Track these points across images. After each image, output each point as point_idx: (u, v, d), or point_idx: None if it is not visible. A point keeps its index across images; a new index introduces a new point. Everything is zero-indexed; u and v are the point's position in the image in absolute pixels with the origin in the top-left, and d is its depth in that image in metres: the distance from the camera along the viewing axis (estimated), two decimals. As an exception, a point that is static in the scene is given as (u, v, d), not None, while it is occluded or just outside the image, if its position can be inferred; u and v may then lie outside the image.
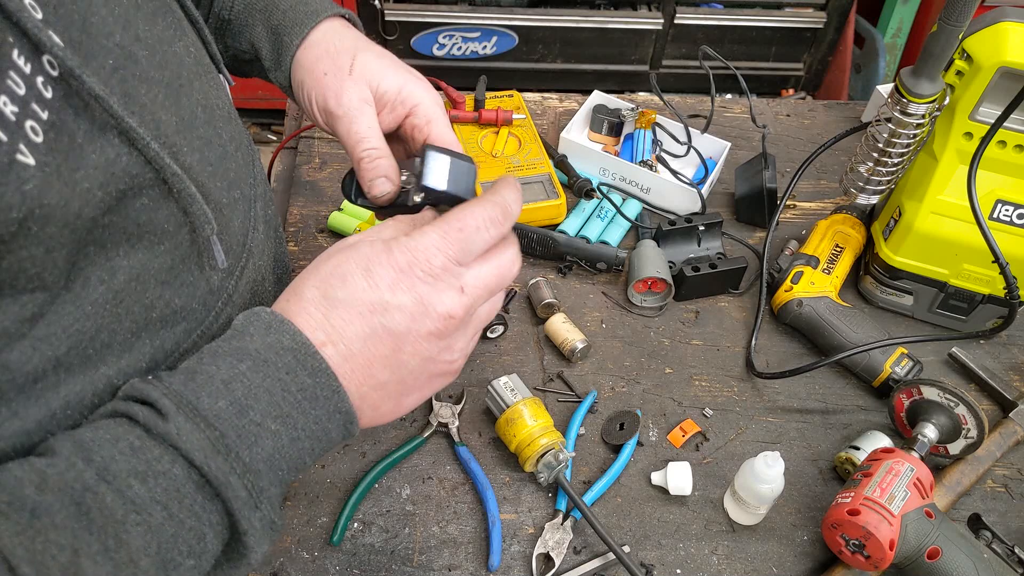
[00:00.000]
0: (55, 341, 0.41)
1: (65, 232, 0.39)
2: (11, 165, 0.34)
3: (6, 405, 0.40)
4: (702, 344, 0.95)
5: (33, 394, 0.41)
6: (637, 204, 1.07)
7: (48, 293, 0.40)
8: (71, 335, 0.42)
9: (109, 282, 0.43)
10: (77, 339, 0.42)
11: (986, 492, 0.84)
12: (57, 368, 0.42)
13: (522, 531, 0.78)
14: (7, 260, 0.37)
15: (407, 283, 0.47)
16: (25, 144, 0.35)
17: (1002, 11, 0.80)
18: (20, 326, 0.39)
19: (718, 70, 1.14)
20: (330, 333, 0.46)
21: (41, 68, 0.36)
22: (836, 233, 1.00)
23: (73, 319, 0.42)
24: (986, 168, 0.86)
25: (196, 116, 0.50)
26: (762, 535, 0.79)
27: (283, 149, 1.13)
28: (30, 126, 0.35)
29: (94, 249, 0.42)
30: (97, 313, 0.43)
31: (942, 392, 0.79)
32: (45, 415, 0.42)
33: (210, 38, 0.57)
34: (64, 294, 0.41)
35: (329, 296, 0.47)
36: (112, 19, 0.42)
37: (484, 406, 0.86)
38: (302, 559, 0.75)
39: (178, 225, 0.46)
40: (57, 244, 0.39)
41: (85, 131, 0.39)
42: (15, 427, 0.41)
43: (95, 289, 0.42)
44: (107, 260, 0.43)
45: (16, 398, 0.41)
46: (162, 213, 0.45)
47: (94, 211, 0.40)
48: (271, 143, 2.57)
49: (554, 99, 1.25)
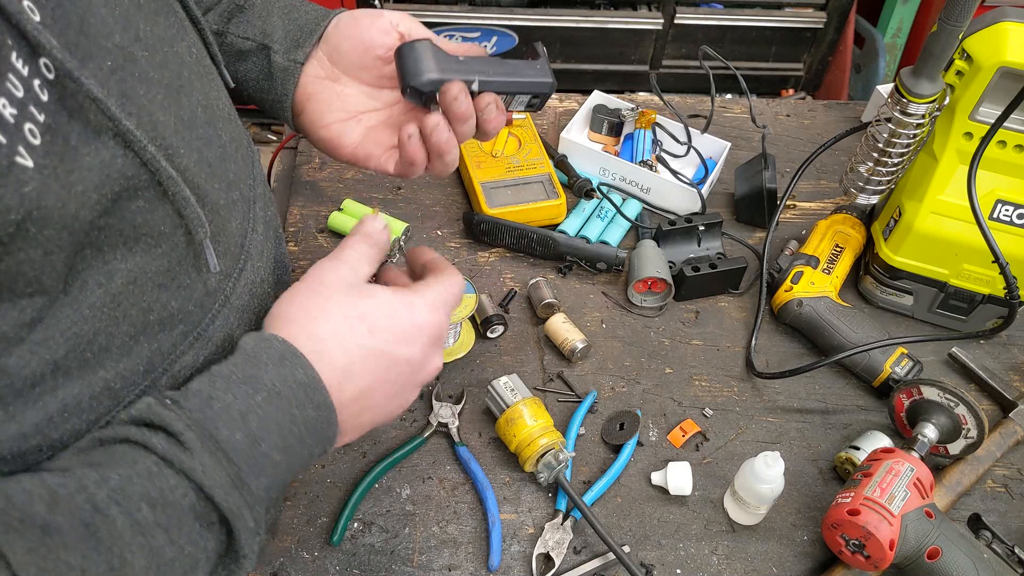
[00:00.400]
0: (53, 345, 0.41)
1: (64, 235, 0.39)
2: (10, 168, 0.34)
3: (3, 409, 0.40)
4: (702, 344, 0.95)
5: (31, 398, 0.41)
6: (637, 204, 1.07)
7: (47, 297, 0.40)
8: (69, 339, 0.42)
9: (107, 285, 0.43)
10: (75, 343, 0.42)
11: (986, 492, 0.84)
12: (55, 372, 0.42)
13: (522, 531, 0.78)
14: (5, 262, 0.37)
15: (425, 342, 0.55)
16: (24, 147, 0.35)
17: (1002, 11, 0.80)
18: (19, 331, 0.39)
19: (718, 70, 1.14)
20: (349, 374, 0.51)
21: (38, 71, 0.36)
22: (836, 233, 1.00)
23: (71, 323, 0.41)
24: (986, 168, 0.86)
25: (196, 116, 0.50)
26: (762, 535, 0.79)
27: (283, 149, 1.13)
28: (28, 128, 0.35)
29: (91, 252, 0.41)
30: (95, 317, 0.43)
31: (942, 392, 0.80)
32: (42, 419, 0.42)
33: (211, 39, 0.57)
34: (62, 298, 0.41)
35: (360, 343, 0.51)
36: (112, 19, 0.42)
37: (484, 406, 0.86)
38: (302, 559, 0.75)
39: (174, 227, 0.46)
40: (55, 247, 0.39)
41: (79, 133, 0.39)
42: (12, 431, 0.41)
43: (93, 292, 0.42)
44: (104, 263, 0.43)
45: (14, 402, 0.41)
46: (158, 215, 0.45)
47: (91, 214, 0.40)
48: (271, 143, 2.57)
49: (554, 99, 1.25)
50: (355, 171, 1.11)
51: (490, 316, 0.91)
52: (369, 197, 1.07)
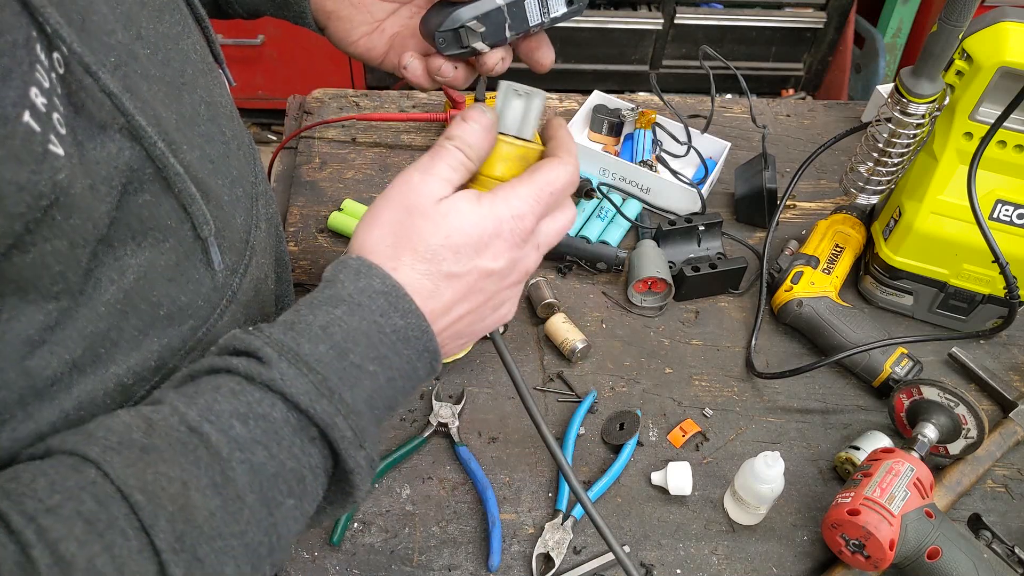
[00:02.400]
0: (71, 344, 0.41)
1: (88, 226, 0.39)
2: (45, 155, 0.35)
3: (23, 409, 0.41)
4: (702, 344, 0.95)
5: (48, 396, 0.42)
6: (637, 204, 1.07)
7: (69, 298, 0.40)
8: (86, 337, 0.42)
9: (119, 281, 0.43)
10: (91, 341, 0.42)
11: (986, 492, 0.84)
12: (72, 371, 0.42)
13: (522, 531, 0.78)
14: (32, 253, 0.37)
15: (507, 250, 0.50)
16: (55, 135, 0.36)
17: (1002, 11, 0.80)
18: (43, 333, 0.40)
19: (718, 70, 1.14)
20: (434, 293, 0.48)
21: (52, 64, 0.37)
22: (836, 233, 1.00)
23: (87, 321, 0.42)
24: (986, 168, 0.86)
25: (199, 113, 0.50)
26: (762, 535, 0.79)
27: (283, 149, 1.13)
28: (56, 118, 0.36)
29: (103, 248, 0.42)
30: (109, 313, 0.43)
31: (942, 392, 0.80)
32: (59, 417, 0.43)
33: (214, 37, 0.57)
34: (79, 297, 0.41)
35: (439, 268, 0.48)
36: (113, 17, 0.42)
37: (485, 406, 0.86)
38: (302, 559, 0.75)
39: (180, 221, 0.47)
40: (81, 239, 0.39)
41: (84, 129, 0.39)
42: (29, 429, 0.41)
43: (106, 289, 0.43)
44: (116, 259, 0.43)
45: (33, 402, 0.41)
46: (164, 209, 0.45)
47: (106, 206, 0.40)
48: (271, 143, 2.57)
49: (554, 99, 1.25)
50: (355, 171, 1.11)
51: (490, 316, 0.91)
52: (369, 197, 1.07)
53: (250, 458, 0.41)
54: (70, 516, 0.35)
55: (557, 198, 0.51)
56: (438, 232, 0.48)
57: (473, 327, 0.52)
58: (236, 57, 2.29)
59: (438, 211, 0.48)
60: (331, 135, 1.15)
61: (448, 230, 0.48)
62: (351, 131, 1.16)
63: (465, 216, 0.49)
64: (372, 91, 1.23)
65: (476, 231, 0.49)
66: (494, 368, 0.90)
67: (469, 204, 0.49)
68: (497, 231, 0.49)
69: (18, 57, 0.33)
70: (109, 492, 0.36)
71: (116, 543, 0.36)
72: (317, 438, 0.43)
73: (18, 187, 0.34)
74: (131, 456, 0.38)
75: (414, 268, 0.48)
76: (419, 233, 0.48)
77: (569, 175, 0.52)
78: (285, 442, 0.42)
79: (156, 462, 0.38)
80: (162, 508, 0.37)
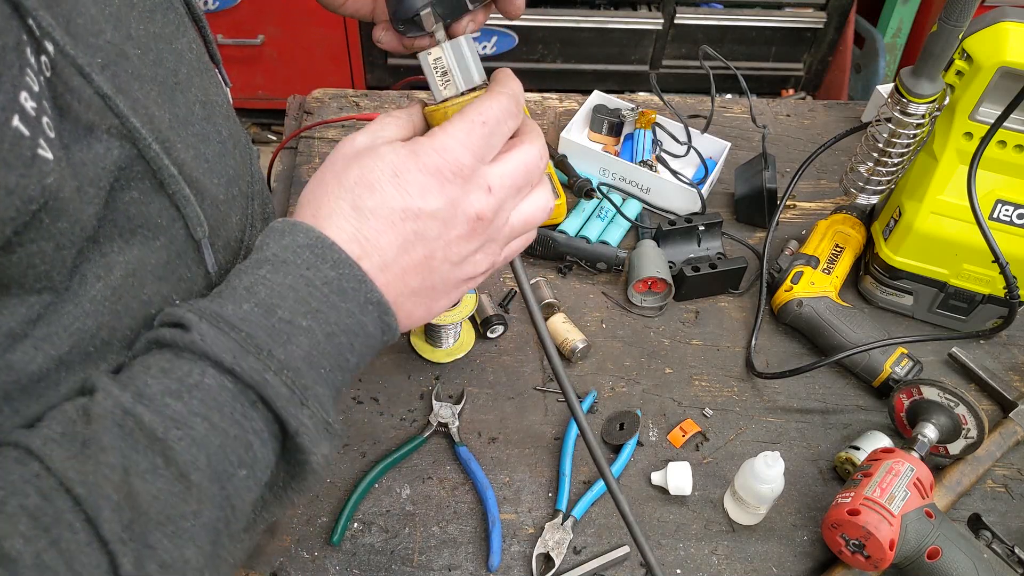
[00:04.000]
0: (57, 340, 0.41)
1: (75, 229, 0.39)
2: (34, 159, 0.35)
3: (9, 405, 0.41)
4: (702, 344, 0.95)
5: (35, 393, 0.42)
6: (637, 204, 1.07)
7: (53, 293, 0.40)
8: (72, 334, 0.42)
9: (106, 278, 0.43)
10: (78, 338, 0.42)
11: (986, 492, 0.84)
12: (59, 367, 0.42)
13: (522, 531, 0.78)
14: (18, 254, 0.37)
15: (437, 186, 0.46)
16: (44, 139, 0.36)
17: (1002, 11, 0.80)
18: (24, 327, 0.39)
19: (718, 70, 1.14)
20: (364, 245, 0.45)
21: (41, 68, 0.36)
22: (836, 233, 1.00)
23: (73, 318, 0.42)
24: (986, 168, 0.86)
25: (193, 112, 0.50)
26: (762, 535, 0.79)
27: (283, 149, 1.13)
28: (46, 122, 0.36)
29: (88, 245, 0.42)
30: (97, 311, 0.43)
31: (942, 392, 0.80)
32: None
33: (211, 36, 0.57)
34: (63, 293, 0.41)
35: (359, 207, 0.46)
36: (102, 18, 0.42)
37: (485, 406, 0.86)
38: (302, 559, 0.75)
39: (171, 220, 0.46)
40: (67, 241, 0.39)
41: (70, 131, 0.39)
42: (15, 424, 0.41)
43: (92, 286, 0.42)
44: (102, 256, 0.43)
45: (19, 398, 0.41)
46: (154, 207, 0.45)
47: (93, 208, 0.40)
48: (271, 143, 2.57)
49: (554, 99, 1.25)
50: (355, 171, 1.11)
51: (490, 316, 0.91)
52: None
53: (189, 433, 0.39)
54: (14, 512, 0.35)
55: (491, 129, 0.48)
56: (352, 173, 0.46)
57: (430, 281, 0.48)
58: (236, 57, 2.29)
59: (357, 157, 0.47)
60: (331, 135, 1.15)
61: (363, 168, 0.46)
62: (351, 131, 1.16)
63: (384, 155, 0.46)
64: (372, 91, 1.24)
65: (391, 166, 0.46)
66: (494, 368, 0.90)
67: (390, 146, 0.47)
68: (419, 165, 0.46)
69: (8, 61, 0.33)
70: (53, 485, 0.36)
71: (63, 537, 0.35)
72: (257, 401, 0.42)
73: (7, 192, 0.34)
74: (73, 448, 0.37)
75: (336, 214, 0.45)
76: (338, 179, 0.46)
77: (502, 105, 0.48)
78: (226, 408, 0.40)
79: (96, 452, 0.37)
80: (105, 498, 0.36)
